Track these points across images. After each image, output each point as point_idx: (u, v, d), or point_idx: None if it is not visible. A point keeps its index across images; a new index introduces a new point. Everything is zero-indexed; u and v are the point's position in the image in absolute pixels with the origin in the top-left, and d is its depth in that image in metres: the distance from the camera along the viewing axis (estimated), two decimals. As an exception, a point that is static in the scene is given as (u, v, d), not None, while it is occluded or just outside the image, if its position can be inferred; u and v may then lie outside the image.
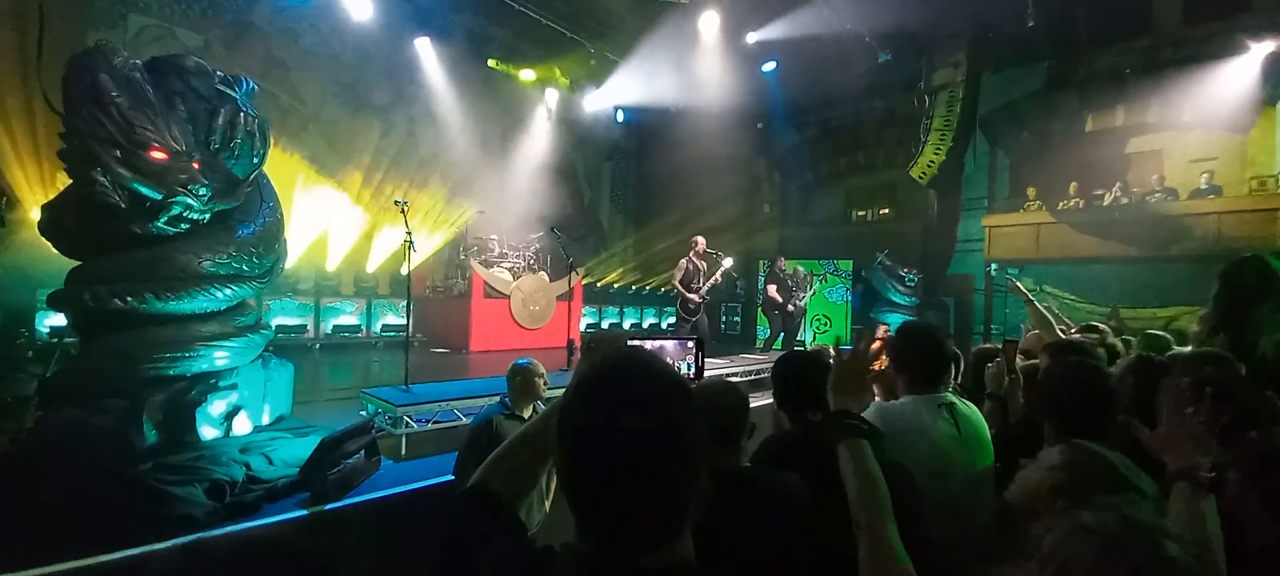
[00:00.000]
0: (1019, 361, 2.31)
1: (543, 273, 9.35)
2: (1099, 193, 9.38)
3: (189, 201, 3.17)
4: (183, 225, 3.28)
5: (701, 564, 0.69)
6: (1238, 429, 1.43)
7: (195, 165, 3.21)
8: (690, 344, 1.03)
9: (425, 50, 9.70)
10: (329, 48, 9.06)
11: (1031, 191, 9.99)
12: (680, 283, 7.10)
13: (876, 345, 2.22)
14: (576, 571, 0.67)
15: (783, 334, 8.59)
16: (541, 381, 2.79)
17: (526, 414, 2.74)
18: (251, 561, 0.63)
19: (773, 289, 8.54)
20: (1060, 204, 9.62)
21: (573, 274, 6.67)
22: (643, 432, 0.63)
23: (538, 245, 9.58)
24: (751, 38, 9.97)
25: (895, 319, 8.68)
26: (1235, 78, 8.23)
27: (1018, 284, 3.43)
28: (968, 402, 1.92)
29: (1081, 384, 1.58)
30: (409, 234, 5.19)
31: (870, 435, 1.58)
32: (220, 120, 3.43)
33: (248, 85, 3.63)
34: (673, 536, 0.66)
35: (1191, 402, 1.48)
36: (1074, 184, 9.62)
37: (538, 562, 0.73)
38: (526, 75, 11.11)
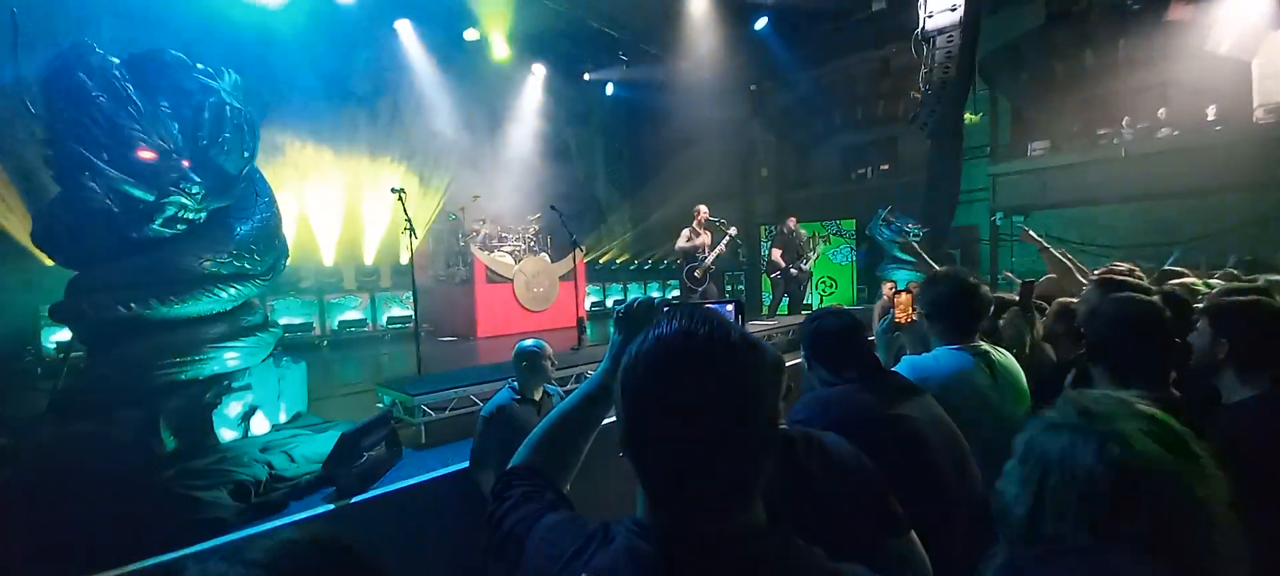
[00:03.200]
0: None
1: (544, 254, 9.25)
2: (1103, 132, 9.20)
3: (183, 201, 3.10)
4: (179, 226, 3.21)
5: (774, 528, 0.65)
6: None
7: (185, 163, 3.12)
8: (729, 307, 0.98)
9: (406, 33, 9.45)
10: (307, 40, 8.80)
11: (1037, 138, 9.79)
12: (684, 255, 7.01)
13: (902, 298, 2.17)
14: (647, 545, 0.62)
15: (786, 298, 8.51)
16: (550, 363, 2.74)
17: (537, 396, 2.71)
18: (288, 563, 0.59)
19: (777, 253, 8.43)
20: (1063, 146, 9.45)
21: (577, 251, 6.58)
22: (720, 396, 0.60)
23: (537, 226, 9.47)
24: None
25: (902, 276, 8.61)
26: (1242, 3, 8.00)
27: (1031, 232, 3.36)
28: (1002, 350, 1.87)
29: (1134, 322, 1.44)
30: (409, 222, 5.11)
31: (911, 391, 1.55)
32: (206, 114, 3.32)
33: (231, 76, 3.50)
34: (747, 501, 0.63)
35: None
36: (1075, 124, 9.44)
37: (593, 539, 0.69)
38: (501, 51, 10.74)
